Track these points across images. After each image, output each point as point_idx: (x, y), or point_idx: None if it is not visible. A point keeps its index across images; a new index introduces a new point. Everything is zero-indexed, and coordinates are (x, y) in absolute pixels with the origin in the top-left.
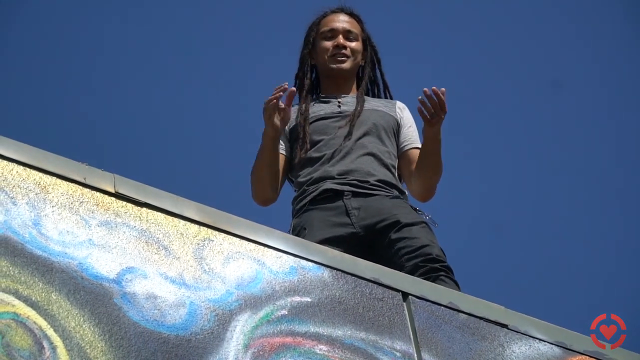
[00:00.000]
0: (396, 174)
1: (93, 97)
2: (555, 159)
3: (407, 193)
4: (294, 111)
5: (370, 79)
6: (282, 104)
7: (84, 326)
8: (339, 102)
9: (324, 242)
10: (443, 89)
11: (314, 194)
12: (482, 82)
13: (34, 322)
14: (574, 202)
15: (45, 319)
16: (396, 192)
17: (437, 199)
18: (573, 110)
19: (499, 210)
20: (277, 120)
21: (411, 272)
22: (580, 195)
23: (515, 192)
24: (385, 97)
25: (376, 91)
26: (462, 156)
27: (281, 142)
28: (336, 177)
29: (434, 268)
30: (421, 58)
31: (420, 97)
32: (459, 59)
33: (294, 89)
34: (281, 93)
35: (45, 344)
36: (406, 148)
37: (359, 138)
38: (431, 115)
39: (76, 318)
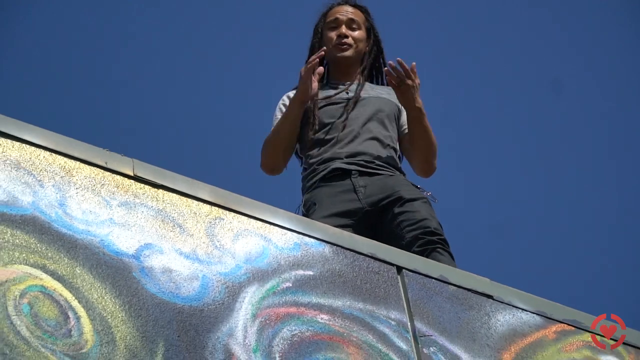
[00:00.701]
0: (397, 157)
1: (114, 88)
2: (556, 159)
3: (406, 174)
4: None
5: (375, 67)
6: (321, 69)
7: (105, 298)
8: (346, 88)
9: (334, 215)
10: (414, 63)
11: (324, 172)
12: (482, 81)
13: (60, 294)
14: (574, 201)
15: (70, 291)
16: (398, 172)
17: (436, 196)
18: (574, 110)
19: (500, 209)
20: (313, 84)
21: (411, 243)
22: (581, 195)
23: (515, 190)
24: (389, 85)
25: (380, 79)
26: (461, 155)
27: None
28: (345, 157)
29: (431, 240)
30: (421, 57)
31: (386, 68)
32: (459, 58)
33: (324, 52)
34: (318, 58)
35: (70, 314)
36: (406, 130)
37: (365, 123)
38: (398, 83)
39: (98, 290)
